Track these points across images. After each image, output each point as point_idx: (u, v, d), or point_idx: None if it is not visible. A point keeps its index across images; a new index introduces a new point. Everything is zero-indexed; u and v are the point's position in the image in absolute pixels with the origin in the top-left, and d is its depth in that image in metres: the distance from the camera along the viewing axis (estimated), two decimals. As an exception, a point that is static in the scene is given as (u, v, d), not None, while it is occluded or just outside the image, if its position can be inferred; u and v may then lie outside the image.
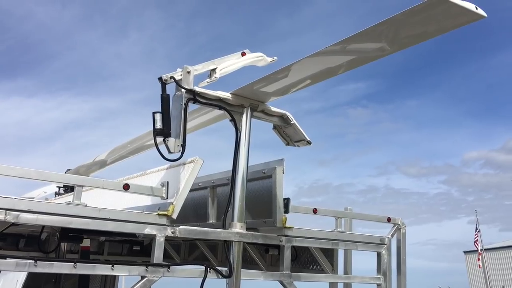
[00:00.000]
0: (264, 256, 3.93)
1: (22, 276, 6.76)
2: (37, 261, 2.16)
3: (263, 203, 3.13)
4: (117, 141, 4.37)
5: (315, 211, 3.25)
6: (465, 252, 75.99)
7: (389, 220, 3.60)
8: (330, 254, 3.84)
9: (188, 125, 3.33)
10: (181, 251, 4.83)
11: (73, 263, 2.26)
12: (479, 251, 51.32)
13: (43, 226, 3.01)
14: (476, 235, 53.23)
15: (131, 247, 4.96)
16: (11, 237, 4.77)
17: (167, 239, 2.63)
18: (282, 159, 3.05)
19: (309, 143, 3.17)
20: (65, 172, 5.15)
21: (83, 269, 2.32)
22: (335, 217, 3.36)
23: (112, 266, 2.40)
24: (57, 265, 2.25)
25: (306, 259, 3.86)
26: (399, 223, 3.62)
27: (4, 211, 2.08)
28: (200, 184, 3.77)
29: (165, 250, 2.63)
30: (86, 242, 3.73)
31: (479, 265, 52.01)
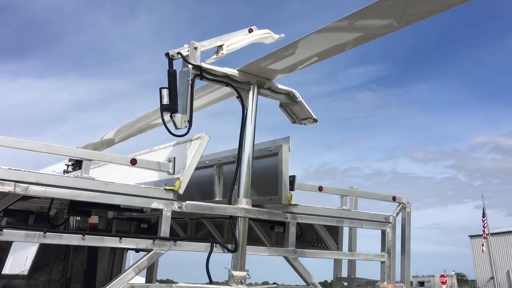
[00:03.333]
0: (269, 234, 3.96)
1: (31, 253, 6.86)
2: (46, 233, 2.20)
3: (269, 181, 3.16)
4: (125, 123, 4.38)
5: (320, 188, 3.27)
6: (470, 236, 76.02)
7: (394, 199, 3.62)
8: (335, 233, 3.87)
9: (195, 104, 3.34)
10: (188, 229, 4.88)
11: (81, 235, 2.30)
12: (484, 235, 51.36)
13: (52, 201, 3.04)
14: (484, 220, 53.21)
15: (138, 225, 5.01)
16: (20, 214, 4.83)
17: (174, 215, 2.66)
18: (288, 137, 3.06)
19: (315, 121, 3.17)
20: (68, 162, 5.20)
21: (92, 241, 2.36)
22: (340, 195, 3.38)
23: (120, 239, 2.44)
24: (66, 237, 2.29)
25: (311, 238, 3.89)
26: (404, 202, 3.63)
27: (14, 183, 2.12)
28: (207, 162, 3.79)
29: (172, 228, 2.66)
30: (95, 219, 3.77)
31: (483, 249, 52.10)
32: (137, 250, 5.47)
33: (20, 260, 7.34)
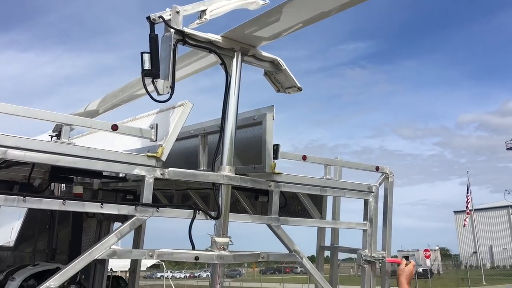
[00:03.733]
0: (254, 205, 3.98)
1: (17, 225, 6.86)
2: (26, 197, 2.18)
3: (253, 150, 3.15)
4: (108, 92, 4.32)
5: (304, 158, 3.27)
6: (455, 212, 77.51)
7: (377, 169, 3.64)
8: (319, 203, 3.89)
9: (180, 73, 3.30)
10: (174, 201, 4.89)
11: (62, 200, 2.28)
12: (468, 211, 52.28)
13: (32, 167, 3.01)
14: (468, 196, 54.11)
15: (124, 196, 5.00)
16: (3, 184, 4.80)
17: (160, 186, 2.65)
18: (272, 106, 3.04)
19: (299, 89, 3.15)
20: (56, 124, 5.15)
21: (73, 206, 2.34)
22: (324, 164, 3.39)
23: (102, 204, 2.43)
24: (46, 201, 2.27)
25: (295, 209, 3.92)
26: (387, 172, 3.66)
27: None
28: (191, 132, 3.77)
29: (158, 199, 2.66)
30: (79, 189, 3.74)
31: (464, 224, 53.12)
32: (119, 216, 5.49)
33: (6, 232, 7.33)
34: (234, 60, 2.89)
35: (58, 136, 5.15)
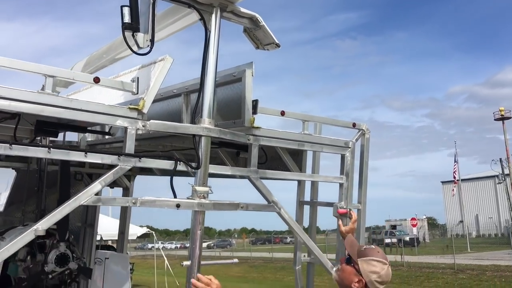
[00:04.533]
0: (236, 161, 4.11)
1: (6, 191, 6.97)
2: (12, 145, 2.28)
3: (233, 106, 3.26)
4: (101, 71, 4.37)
5: (282, 113, 3.39)
6: (442, 182, 78.63)
7: (354, 125, 3.77)
8: (299, 160, 4.04)
9: (161, 33, 3.36)
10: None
11: (47, 148, 2.38)
12: (455, 180, 53.15)
13: (18, 122, 3.08)
14: (455, 166, 54.87)
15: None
16: None
17: (145, 147, 2.75)
18: (251, 62, 3.14)
19: (277, 45, 3.22)
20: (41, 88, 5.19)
21: (57, 154, 2.44)
22: (302, 120, 3.52)
23: (86, 153, 2.53)
24: (32, 149, 2.37)
25: (276, 166, 4.05)
26: (363, 128, 3.79)
27: None
28: (175, 91, 3.86)
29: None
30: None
31: (453, 193, 54.12)
32: (103, 165, 5.58)
33: (-6, 197, 7.44)
34: (213, 16, 2.96)
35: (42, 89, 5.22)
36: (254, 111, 3.18)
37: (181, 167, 2.88)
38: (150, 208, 2.78)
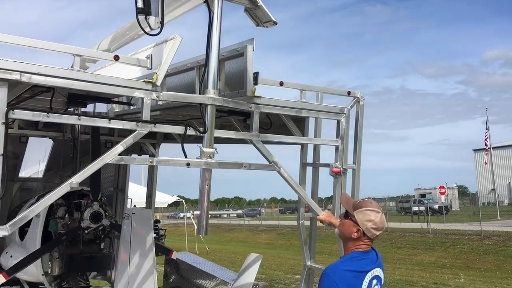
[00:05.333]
0: (246, 127, 4.56)
1: (45, 159, 7.62)
2: (49, 113, 2.78)
3: (237, 78, 3.68)
4: (131, 44, 4.83)
5: (281, 83, 3.80)
6: (474, 150, 77.33)
7: (349, 93, 4.13)
8: (301, 126, 4.45)
9: (170, 15, 3.77)
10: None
11: (77, 116, 2.89)
12: (486, 148, 52.33)
13: (52, 95, 3.59)
14: (486, 134, 53.98)
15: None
16: None
17: (159, 117, 3.19)
18: (252, 38, 3.54)
19: (275, 23, 3.55)
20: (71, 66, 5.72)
21: (86, 121, 2.95)
22: (300, 89, 3.91)
23: (109, 120, 3.03)
24: (65, 117, 2.88)
25: (281, 132, 4.47)
26: (358, 96, 4.15)
27: (19, 73, 2.66)
28: (188, 65, 4.29)
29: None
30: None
31: (485, 162, 53.39)
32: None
33: (34, 166, 8.12)
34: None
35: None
36: (255, 82, 3.59)
37: (190, 131, 3.34)
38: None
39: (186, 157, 3.37)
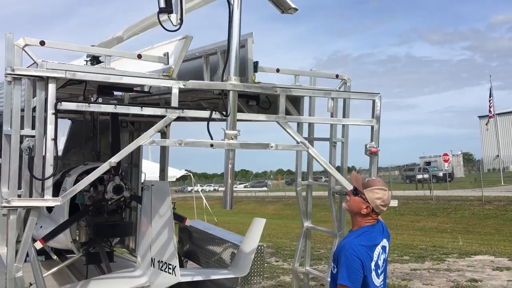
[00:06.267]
0: (249, 108, 5.11)
1: (64, 137, 8.27)
2: (91, 104, 3.41)
3: (240, 67, 4.20)
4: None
5: (277, 70, 4.38)
6: (479, 117, 77.31)
7: (337, 76, 4.66)
8: (297, 105, 5.04)
9: (190, 7, 4.26)
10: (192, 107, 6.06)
11: (114, 105, 3.51)
12: (490, 115, 52.55)
13: (85, 86, 4.20)
14: (491, 100, 54.04)
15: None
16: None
17: (180, 97, 3.71)
18: (252, 32, 4.08)
19: (296, 9, 3.86)
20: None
21: (121, 109, 3.57)
22: (294, 74, 4.50)
23: (141, 107, 3.60)
24: (104, 106, 3.50)
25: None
26: (345, 78, 4.63)
27: (65, 71, 3.28)
28: (197, 53, 4.84)
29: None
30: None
31: (487, 129, 53.66)
32: (142, 115, 6.68)
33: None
34: None
35: (92, 61, 6.37)
36: (255, 70, 4.14)
37: (215, 115, 3.76)
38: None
39: (212, 138, 3.78)
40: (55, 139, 3.23)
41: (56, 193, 3.70)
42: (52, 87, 3.23)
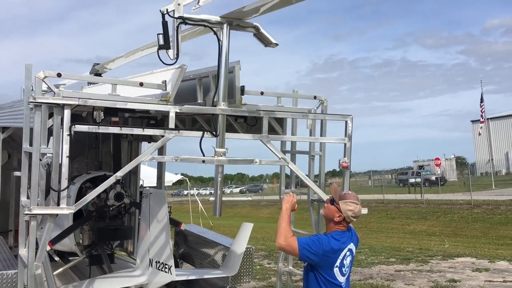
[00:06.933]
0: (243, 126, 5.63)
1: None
2: (100, 126, 3.99)
3: (229, 90, 4.74)
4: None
5: (262, 93, 4.95)
6: (472, 121, 78.04)
7: (315, 97, 5.20)
8: (281, 121, 5.59)
9: (185, 38, 4.81)
10: (186, 123, 6.63)
11: (119, 127, 4.12)
12: (482, 120, 53.28)
13: (93, 108, 4.76)
14: (482, 106, 54.79)
15: (148, 121, 6.48)
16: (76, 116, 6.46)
17: (177, 114, 4.26)
18: (239, 60, 4.62)
19: (276, 44, 4.44)
20: (93, 66, 6.85)
21: (126, 130, 4.30)
22: (276, 96, 5.08)
23: (143, 129, 4.18)
24: (111, 128, 4.10)
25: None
26: (322, 99, 5.18)
27: (78, 98, 3.82)
28: (191, 76, 5.41)
29: (176, 124, 4.20)
30: (115, 118, 5.37)
31: (479, 132, 54.40)
32: (145, 137, 7.28)
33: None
34: (224, 30, 4.19)
35: (96, 74, 6.79)
36: (242, 93, 4.71)
37: (207, 135, 4.29)
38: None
39: (203, 155, 4.33)
40: (69, 157, 3.79)
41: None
42: (67, 112, 3.80)
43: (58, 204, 3.81)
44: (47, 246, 4.03)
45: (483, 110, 55.45)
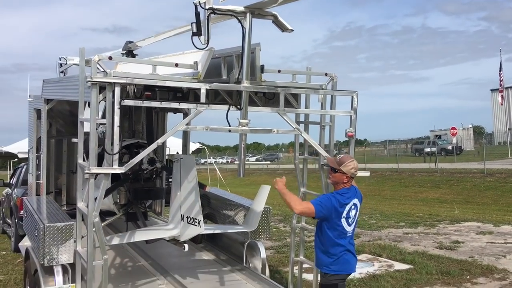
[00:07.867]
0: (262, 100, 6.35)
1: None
2: (144, 100, 4.77)
3: (251, 68, 5.42)
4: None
5: (279, 71, 5.63)
6: (491, 90, 77.02)
7: (326, 74, 5.80)
8: (296, 96, 6.28)
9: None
10: (209, 97, 7.32)
11: (160, 101, 4.91)
12: (501, 88, 52.87)
13: (135, 86, 5.52)
14: (501, 74, 54.21)
15: (175, 94, 7.17)
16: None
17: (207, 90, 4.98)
18: (259, 43, 5.27)
19: (292, 30, 5.01)
20: (125, 44, 7.58)
21: (165, 104, 5.06)
22: (292, 74, 5.77)
23: (179, 103, 4.99)
24: (154, 102, 4.97)
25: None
26: (332, 76, 5.81)
27: (126, 77, 4.53)
28: (217, 55, 6.06)
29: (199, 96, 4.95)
30: (148, 93, 6.02)
31: (501, 103, 54.03)
32: (171, 109, 8.03)
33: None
34: (247, 18, 4.77)
35: (127, 54, 7.66)
36: (262, 71, 5.39)
37: (232, 108, 4.97)
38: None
39: (229, 125, 5.01)
40: (119, 126, 4.58)
41: (99, 163, 4.78)
42: (118, 89, 4.58)
43: (112, 165, 4.62)
44: (102, 199, 4.83)
45: (502, 79, 54.90)
